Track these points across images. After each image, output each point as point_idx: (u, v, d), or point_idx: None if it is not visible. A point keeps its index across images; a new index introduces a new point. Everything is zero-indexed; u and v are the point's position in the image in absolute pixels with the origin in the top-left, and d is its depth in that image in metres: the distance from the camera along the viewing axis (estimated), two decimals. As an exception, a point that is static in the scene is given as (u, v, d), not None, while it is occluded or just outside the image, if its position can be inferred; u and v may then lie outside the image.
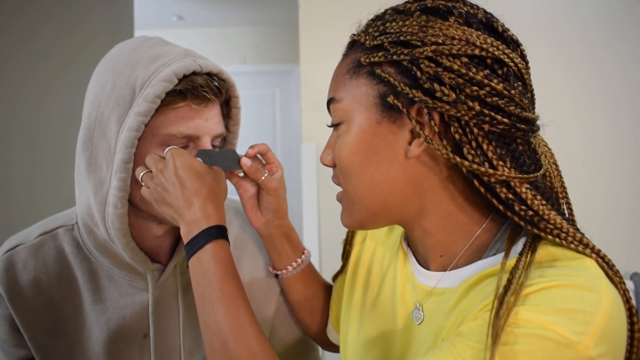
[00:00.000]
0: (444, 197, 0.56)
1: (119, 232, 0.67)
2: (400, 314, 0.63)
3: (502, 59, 0.51)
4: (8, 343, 0.72)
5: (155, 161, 0.65)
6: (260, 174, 0.73)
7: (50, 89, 1.70)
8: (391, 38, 0.53)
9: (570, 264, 0.48)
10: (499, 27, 0.54)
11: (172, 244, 0.78)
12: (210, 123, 0.69)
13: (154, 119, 0.65)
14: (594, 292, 0.45)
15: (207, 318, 0.59)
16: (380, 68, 0.54)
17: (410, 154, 0.54)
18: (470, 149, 0.51)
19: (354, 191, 0.58)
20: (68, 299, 0.73)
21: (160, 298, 0.76)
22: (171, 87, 0.64)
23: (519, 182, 0.51)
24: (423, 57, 0.51)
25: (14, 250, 0.72)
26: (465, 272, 0.55)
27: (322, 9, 1.92)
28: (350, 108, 0.57)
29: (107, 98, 0.65)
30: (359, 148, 0.56)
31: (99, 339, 0.73)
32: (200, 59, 0.68)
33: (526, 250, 0.49)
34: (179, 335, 0.77)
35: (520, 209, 0.50)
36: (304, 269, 0.80)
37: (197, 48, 0.75)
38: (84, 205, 0.70)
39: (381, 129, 0.55)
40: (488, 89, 0.50)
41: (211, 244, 0.61)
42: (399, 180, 0.55)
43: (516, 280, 0.46)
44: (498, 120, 0.50)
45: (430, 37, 0.51)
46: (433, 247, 0.59)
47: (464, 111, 0.50)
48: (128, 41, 0.71)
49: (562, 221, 0.51)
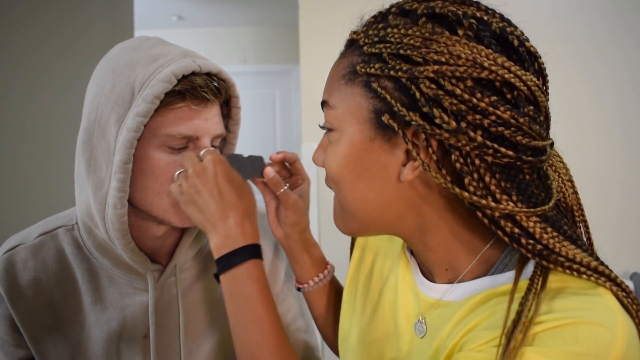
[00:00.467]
0: (445, 218, 0.53)
1: (118, 233, 0.67)
2: (402, 325, 0.61)
3: (512, 82, 0.46)
4: (8, 343, 0.71)
5: (193, 162, 0.65)
6: (280, 187, 0.71)
7: (49, 88, 1.70)
8: (391, 49, 0.48)
9: (583, 294, 0.45)
10: (514, 40, 0.48)
11: (172, 245, 0.78)
12: (210, 123, 0.69)
13: (153, 120, 0.65)
14: (608, 329, 0.41)
15: (240, 337, 0.61)
16: (377, 81, 0.50)
17: (404, 177, 0.51)
18: (472, 180, 0.47)
19: (346, 202, 0.56)
20: (68, 299, 0.73)
21: (160, 299, 0.76)
22: (170, 88, 0.63)
23: (526, 216, 0.47)
24: (423, 77, 0.46)
25: (13, 250, 0.72)
26: (471, 287, 0.52)
27: (322, 9, 1.92)
28: (343, 118, 0.53)
29: (107, 98, 0.65)
30: (349, 162, 0.53)
31: (98, 339, 0.73)
32: (199, 59, 0.68)
33: (537, 275, 0.46)
34: (179, 335, 0.76)
35: (528, 242, 0.47)
36: (327, 284, 0.78)
37: (197, 48, 0.75)
38: (84, 206, 0.70)
39: (374, 147, 0.51)
40: (494, 118, 0.46)
41: (248, 263, 0.61)
42: (392, 200, 0.53)
43: (525, 314, 0.43)
44: (502, 153, 0.46)
45: (433, 55, 0.46)
46: (436, 261, 0.56)
47: (465, 141, 0.46)
48: (128, 41, 0.71)
49: (575, 252, 0.47)
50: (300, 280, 0.78)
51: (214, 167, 0.63)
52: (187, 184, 0.64)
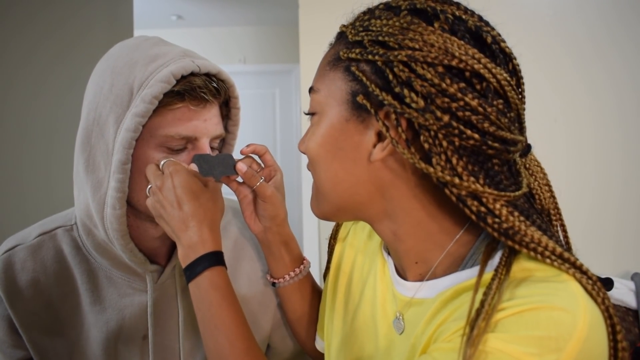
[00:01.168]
0: (413, 205, 0.54)
1: (117, 233, 0.66)
2: (381, 323, 0.62)
3: (481, 73, 0.48)
4: (7, 344, 0.71)
5: (155, 177, 0.65)
6: (256, 180, 0.72)
7: (48, 88, 1.70)
8: (371, 36, 0.52)
9: (546, 281, 0.46)
10: (488, 37, 0.50)
11: (170, 246, 0.78)
12: (209, 124, 0.69)
13: (151, 120, 0.65)
14: (570, 313, 0.42)
15: (208, 343, 0.63)
16: (355, 65, 0.53)
17: (373, 157, 0.53)
18: (439, 160, 0.49)
19: (320, 183, 0.58)
20: (67, 299, 0.72)
21: (160, 299, 0.75)
22: (169, 88, 0.63)
23: (493, 199, 0.48)
24: (397, 61, 0.49)
25: (12, 251, 0.71)
26: (442, 284, 0.54)
27: (322, 9, 1.92)
28: (324, 101, 0.56)
29: (105, 98, 0.65)
30: (326, 142, 0.56)
31: (97, 339, 0.72)
32: (198, 60, 0.68)
33: (501, 265, 0.47)
34: (178, 336, 0.76)
35: (494, 221, 0.48)
36: (301, 280, 0.78)
37: (196, 48, 0.74)
38: (83, 206, 0.69)
39: (349, 127, 0.54)
40: (461, 103, 0.48)
41: (208, 271, 0.63)
42: (363, 181, 0.55)
43: (488, 302, 0.44)
44: (467, 135, 0.48)
45: (407, 41, 0.49)
46: (406, 253, 0.57)
47: (432, 120, 0.48)
48: (127, 41, 0.71)
49: (541, 236, 0.48)
50: (275, 275, 0.78)
51: (171, 180, 0.64)
52: (153, 199, 0.66)
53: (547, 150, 0.64)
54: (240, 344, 0.61)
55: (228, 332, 0.61)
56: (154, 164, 0.67)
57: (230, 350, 0.60)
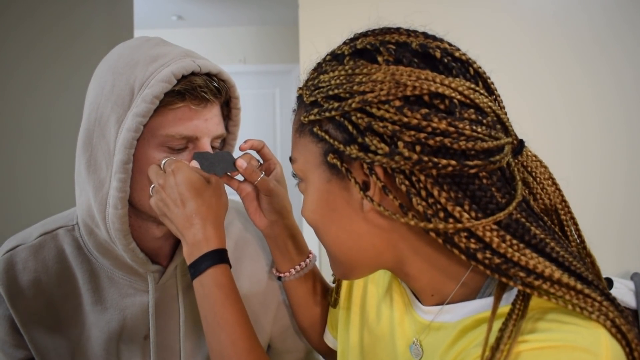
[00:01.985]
0: (418, 244, 0.52)
1: (119, 233, 0.67)
2: (400, 347, 0.61)
3: (440, 92, 0.46)
4: (8, 344, 0.71)
5: (157, 176, 0.66)
6: (256, 175, 0.72)
7: (48, 88, 1.70)
8: (322, 93, 0.51)
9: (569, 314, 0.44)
10: (437, 52, 0.48)
11: (172, 246, 0.78)
12: (210, 124, 0.69)
13: (152, 120, 0.65)
14: (591, 353, 0.41)
15: (211, 341, 0.62)
16: (318, 126, 0.52)
17: (365, 208, 0.51)
18: (419, 200, 0.46)
19: (328, 249, 0.57)
20: (68, 299, 0.72)
21: (161, 299, 0.76)
22: (170, 88, 0.63)
23: (482, 227, 0.46)
24: (352, 110, 0.48)
25: (14, 251, 0.72)
26: (462, 310, 0.52)
27: (322, 9, 1.92)
28: (304, 168, 0.56)
29: (107, 99, 0.65)
30: (318, 207, 0.55)
31: (99, 339, 0.72)
32: (199, 60, 0.68)
33: (519, 300, 0.45)
34: (179, 336, 0.76)
35: (485, 257, 0.46)
36: (307, 273, 0.78)
37: (197, 48, 0.74)
38: (85, 206, 0.70)
39: (332, 187, 0.53)
40: (429, 130, 0.45)
41: (212, 269, 0.63)
42: (364, 235, 0.53)
43: (504, 340, 0.42)
44: (443, 164, 0.45)
45: (356, 87, 0.48)
46: (422, 289, 0.56)
47: (402, 162, 0.45)
48: (129, 41, 0.71)
49: (536, 262, 0.45)
50: (281, 269, 0.78)
51: (174, 177, 0.65)
52: (156, 198, 0.66)
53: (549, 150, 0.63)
54: (242, 343, 0.61)
55: (231, 331, 0.61)
56: (156, 165, 0.67)
57: (232, 349, 0.60)
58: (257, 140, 0.76)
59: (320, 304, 0.80)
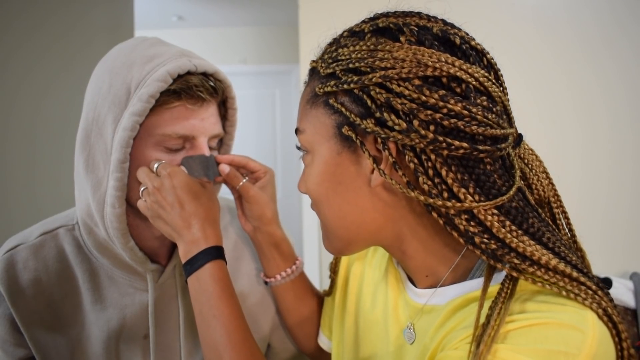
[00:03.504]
0: (417, 223, 0.54)
1: (117, 232, 0.67)
2: (393, 333, 0.62)
3: (458, 76, 0.48)
4: (8, 342, 0.72)
5: (150, 178, 0.66)
6: (238, 180, 0.73)
7: (49, 89, 1.70)
8: (342, 66, 0.51)
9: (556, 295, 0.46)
10: (456, 39, 0.50)
11: (171, 245, 0.78)
12: (206, 123, 0.69)
13: (149, 119, 0.65)
14: (579, 329, 0.42)
15: (205, 334, 0.62)
16: (334, 97, 0.52)
17: (373, 182, 0.52)
18: (426, 179, 0.48)
19: (327, 221, 0.58)
20: (68, 298, 0.73)
21: (160, 299, 0.76)
22: (165, 87, 0.64)
23: (484, 210, 0.48)
24: (372, 84, 0.49)
25: (14, 250, 0.72)
26: (453, 291, 0.54)
27: (322, 9, 1.93)
28: (313, 139, 0.56)
29: (104, 98, 0.66)
30: (324, 180, 0.55)
31: (98, 338, 0.73)
32: (195, 59, 0.68)
33: (507, 280, 0.47)
34: (179, 335, 0.77)
35: (482, 241, 0.47)
36: (295, 279, 0.79)
37: (197, 48, 0.75)
38: (84, 205, 0.70)
39: (343, 160, 0.53)
40: (445, 111, 0.47)
41: (210, 264, 0.64)
42: (368, 209, 0.54)
43: (494, 317, 0.44)
44: (456, 146, 0.47)
45: (378, 62, 0.49)
46: (416, 268, 0.58)
47: (417, 140, 0.47)
48: (126, 42, 0.72)
49: (533, 249, 0.47)
50: (268, 274, 0.79)
51: (171, 181, 0.65)
52: (150, 200, 0.66)
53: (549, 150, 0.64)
54: (237, 335, 0.61)
55: (226, 322, 0.61)
56: (146, 167, 0.67)
57: (227, 340, 0.60)
58: (239, 157, 0.75)
59: (308, 308, 0.81)
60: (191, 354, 0.78)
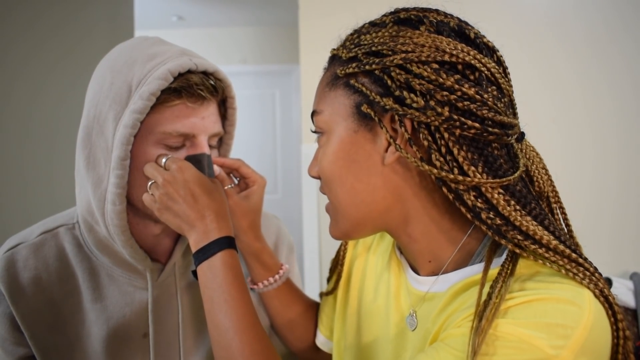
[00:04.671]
0: (425, 203, 0.56)
1: (118, 229, 0.67)
2: (394, 320, 0.63)
3: (473, 64, 0.52)
4: (8, 341, 0.72)
5: (160, 172, 0.66)
6: (225, 183, 0.75)
7: (50, 88, 1.71)
8: (364, 49, 0.55)
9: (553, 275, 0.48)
10: (471, 34, 0.54)
11: (171, 244, 0.79)
12: (207, 122, 0.70)
13: (150, 117, 0.66)
14: (576, 305, 0.45)
15: (215, 319, 0.63)
16: (354, 78, 0.55)
17: (386, 160, 0.54)
18: (438, 156, 0.51)
19: (337, 201, 0.59)
20: (68, 297, 0.73)
21: (160, 297, 0.76)
22: (166, 85, 0.64)
23: (491, 187, 0.50)
24: (393, 65, 0.52)
25: (14, 249, 0.72)
26: (454, 277, 0.56)
27: (322, 9, 1.93)
28: (330, 119, 0.58)
29: (105, 96, 0.66)
30: (339, 157, 0.57)
31: (98, 337, 0.73)
32: (196, 58, 0.69)
33: (507, 261, 0.50)
34: (179, 334, 0.77)
35: (488, 217, 0.50)
36: (279, 287, 0.79)
37: (197, 48, 0.75)
38: (84, 203, 0.70)
39: (358, 138, 0.56)
40: (459, 94, 0.50)
41: (223, 252, 0.65)
42: (379, 188, 0.56)
43: (496, 294, 0.46)
44: (469, 125, 0.50)
45: (400, 46, 0.52)
46: (420, 253, 0.59)
47: (433, 117, 0.50)
48: (127, 41, 0.72)
49: (536, 227, 0.50)
50: (253, 281, 0.80)
51: (183, 174, 0.66)
52: (159, 193, 0.66)
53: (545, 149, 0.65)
54: (250, 318, 0.62)
55: (238, 306, 0.62)
56: (153, 162, 0.68)
57: (238, 323, 0.61)
58: (231, 160, 0.76)
59: (295, 313, 0.81)
60: (191, 352, 0.78)
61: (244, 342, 0.60)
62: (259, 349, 0.60)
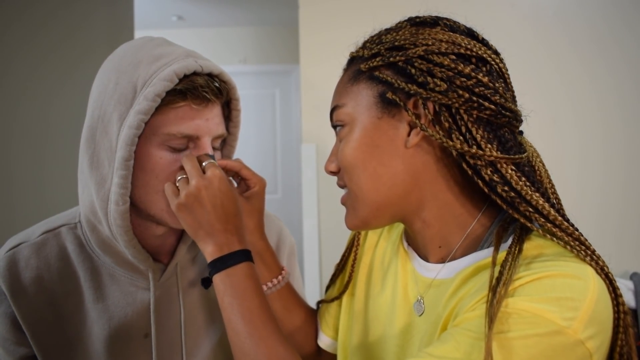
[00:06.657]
0: (441, 187, 0.60)
1: (121, 229, 0.67)
2: (402, 307, 0.65)
3: (485, 57, 0.58)
4: (9, 341, 0.72)
5: (198, 172, 0.66)
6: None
7: (50, 89, 1.71)
8: (386, 45, 0.60)
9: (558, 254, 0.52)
10: (479, 36, 0.61)
11: (173, 244, 0.79)
12: (211, 123, 0.69)
13: (154, 118, 0.66)
14: (582, 279, 0.48)
15: (236, 327, 0.63)
16: (378, 71, 0.60)
17: (409, 143, 0.59)
18: (458, 135, 0.56)
19: (358, 187, 0.62)
20: (70, 296, 0.73)
21: (162, 297, 0.76)
22: (171, 87, 0.64)
23: (505, 163, 0.56)
24: (416, 56, 0.58)
25: (16, 249, 0.72)
26: (462, 263, 0.59)
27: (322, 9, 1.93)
28: (353, 110, 0.62)
29: (110, 96, 0.66)
30: (362, 144, 0.61)
31: (100, 337, 0.73)
32: (201, 60, 0.69)
33: (514, 243, 0.53)
34: (180, 334, 0.77)
35: (503, 190, 0.55)
36: (281, 290, 0.79)
37: (197, 48, 0.75)
38: (87, 203, 0.70)
39: (382, 124, 0.60)
40: (475, 80, 0.56)
41: (244, 264, 0.66)
42: (399, 172, 0.60)
43: (506, 271, 0.50)
44: (485, 107, 0.56)
45: (421, 40, 0.59)
46: (431, 238, 0.63)
47: (455, 99, 0.56)
48: (132, 41, 0.72)
49: (544, 203, 0.54)
50: None
51: (219, 184, 0.67)
52: (187, 191, 0.66)
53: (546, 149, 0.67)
54: (273, 324, 0.63)
55: (260, 313, 0.63)
56: (194, 157, 0.68)
57: (265, 329, 0.62)
58: (232, 162, 0.76)
59: (298, 318, 0.81)
60: (192, 353, 0.78)
61: (269, 346, 0.61)
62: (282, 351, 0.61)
